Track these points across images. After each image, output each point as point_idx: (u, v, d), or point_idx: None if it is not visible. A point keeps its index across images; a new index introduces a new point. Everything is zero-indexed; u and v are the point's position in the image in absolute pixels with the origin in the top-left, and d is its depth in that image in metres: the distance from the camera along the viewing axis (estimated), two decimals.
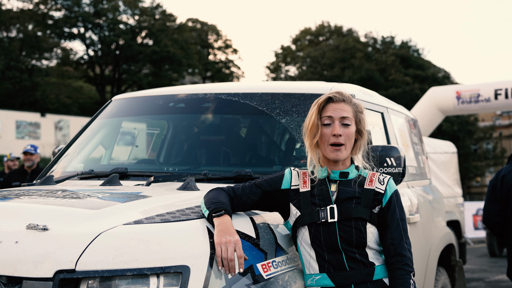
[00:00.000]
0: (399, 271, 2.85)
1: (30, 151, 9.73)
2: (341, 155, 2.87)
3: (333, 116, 2.88)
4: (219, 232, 2.65)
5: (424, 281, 4.79)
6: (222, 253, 2.58)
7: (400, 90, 44.45)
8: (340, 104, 2.90)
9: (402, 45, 51.44)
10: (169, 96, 4.40)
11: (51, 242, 2.50)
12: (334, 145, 2.86)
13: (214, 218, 2.71)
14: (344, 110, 2.89)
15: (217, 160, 4.05)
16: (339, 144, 2.86)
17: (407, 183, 4.77)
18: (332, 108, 2.89)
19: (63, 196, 3.13)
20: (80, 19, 42.48)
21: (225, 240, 2.61)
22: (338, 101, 2.90)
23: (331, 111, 2.89)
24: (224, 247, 2.59)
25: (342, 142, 2.86)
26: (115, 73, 45.28)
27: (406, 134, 5.30)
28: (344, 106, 2.90)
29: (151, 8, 45.17)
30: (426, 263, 4.87)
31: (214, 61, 53.96)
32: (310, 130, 2.91)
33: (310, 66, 51.16)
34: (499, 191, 5.17)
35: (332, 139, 2.86)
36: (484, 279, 11.50)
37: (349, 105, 2.92)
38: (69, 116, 39.05)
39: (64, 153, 4.46)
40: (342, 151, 2.87)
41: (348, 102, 2.92)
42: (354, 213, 2.85)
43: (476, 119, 50.67)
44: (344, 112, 2.89)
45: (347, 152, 2.90)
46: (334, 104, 2.90)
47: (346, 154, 2.89)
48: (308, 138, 2.92)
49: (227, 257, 2.58)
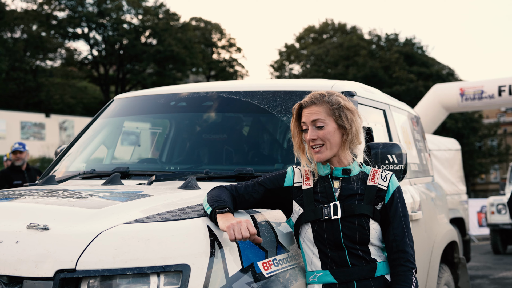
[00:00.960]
0: (401, 267, 2.85)
1: (20, 149, 9.15)
2: (321, 156, 2.88)
3: (306, 122, 2.90)
4: (225, 221, 2.67)
5: (427, 278, 4.79)
6: (235, 233, 2.59)
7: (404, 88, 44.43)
8: (310, 108, 2.90)
9: (406, 42, 51.40)
10: (171, 95, 4.40)
11: (52, 242, 2.50)
12: (313, 147, 2.89)
13: (218, 214, 2.72)
14: (313, 113, 2.89)
15: (218, 158, 4.05)
16: (318, 145, 2.88)
17: (409, 180, 4.76)
18: (305, 113, 2.92)
19: (64, 195, 3.13)
20: (84, 19, 42.55)
21: (235, 222, 2.64)
22: (308, 106, 2.91)
23: (304, 116, 2.92)
24: (237, 227, 2.61)
25: (319, 143, 2.87)
26: (119, 73, 45.33)
27: (409, 131, 5.29)
28: (314, 109, 2.89)
29: (154, 8, 45.21)
30: (429, 260, 4.86)
31: (218, 60, 54.00)
32: (292, 137, 3.00)
33: (314, 64, 51.14)
34: None
35: (310, 143, 2.89)
36: (488, 276, 11.48)
37: (321, 106, 2.89)
38: (73, 116, 39.14)
39: (66, 153, 4.47)
40: (323, 151, 2.87)
41: (320, 103, 2.90)
42: (357, 210, 2.85)
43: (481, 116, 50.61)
44: (314, 115, 2.88)
45: (331, 151, 2.88)
46: (305, 110, 2.92)
47: (329, 153, 2.88)
48: (294, 145, 2.99)
49: (242, 236, 2.60)
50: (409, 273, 2.85)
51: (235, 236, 2.59)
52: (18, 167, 9.20)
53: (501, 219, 14.67)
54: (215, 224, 2.73)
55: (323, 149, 2.87)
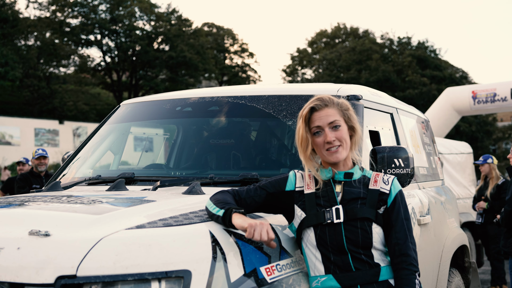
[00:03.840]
0: (404, 271, 2.83)
1: (44, 155, 9.34)
2: (340, 156, 2.87)
3: (321, 125, 2.87)
4: (244, 219, 2.69)
5: (436, 282, 4.75)
6: (255, 233, 2.61)
7: (417, 91, 44.31)
8: (323, 111, 2.89)
9: (419, 46, 51.28)
10: (176, 100, 4.40)
11: (53, 248, 2.49)
12: (329, 149, 2.86)
13: (235, 213, 2.73)
14: (329, 115, 2.88)
15: (223, 163, 4.04)
16: (335, 146, 2.86)
17: (418, 184, 4.72)
18: (318, 117, 2.89)
19: (68, 201, 3.13)
20: (96, 26, 42.82)
21: (257, 222, 2.64)
22: (321, 108, 2.90)
23: (317, 120, 2.88)
24: (259, 228, 2.62)
25: (337, 144, 2.86)
26: (132, 79, 45.53)
27: (417, 134, 5.25)
28: (329, 111, 2.89)
29: (167, 14, 45.41)
30: (439, 265, 4.82)
31: (230, 65, 54.13)
32: (301, 144, 2.93)
33: (327, 68, 51.12)
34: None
35: (327, 145, 2.86)
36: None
37: (333, 108, 2.91)
38: (87, 123, 39.35)
39: (73, 159, 4.47)
40: (341, 151, 2.87)
41: (331, 105, 2.91)
42: (359, 214, 2.84)
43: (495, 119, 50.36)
44: (330, 117, 2.88)
45: (346, 151, 2.89)
46: (318, 113, 2.89)
47: (345, 153, 2.89)
48: (302, 152, 2.94)
49: (260, 238, 2.61)
50: (412, 277, 2.83)
51: (254, 235, 2.61)
52: (37, 173, 9.35)
53: None
54: (225, 225, 2.73)
55: (341, 149, 2.87)
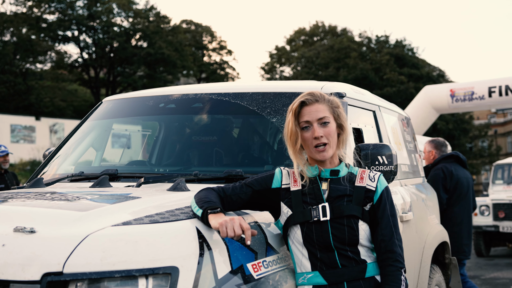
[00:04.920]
0: (390, 267, 2.85)
1: (8, 152, 8.98)
2: (326, 154, 2.87)
3: (310, 120, 2.87)
4: (217, 219, 2.66)
5: (418, 279, 4.78)
6: (227, 230, 2.59)
7: (395, 89, 44.54)
8: (314, 106, 2.89)
9: (397, 44, 51.52)
10: (160, 97, 4.38)
11: (39, 245, 2.47)
12: (317, 146, 2.86)
13: (210, 214, 2.70)
14: (319, 110, 2.88)
15: (207, 160, 4.03)
16: (322, 144, 2.86)
17: (400, 181, 4.75)
18: (307, 111, 2.88)
19: (52, 198, 3.10)
20: (74, 22, 42.42)
21: (227, 219, 2.63)
22: (311, 103, 2.89)
23: (307, 115, 2.88)
24: (230, 224, 2.60)
25: (325, 142, 2.86)
26: (109, 75, 45.23)
27: (399, 132, 5.28)
28: (319, 107, 2.89)
29: (145, 10, 45.12)
30: (420, 261, 4.85)
31: (208, 63, 53.98)
32: (290, 138, 2.91)
33: (305, 66, 51.19)
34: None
35: (315, 141, 2.86)
36: (479, 277, 11.50)
37: (323, 104, 2.90)
38: (64, 119, 39.01)
39: (54, 155, 4.43)
40: (327, 150, 2.87)
41: (322, 101, 2.91)
42: (346, 211, 2.84)
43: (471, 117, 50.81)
44: (320, 113, 2.88)
45: (333, 149, 2.89)
46: (308, 107, 2.89)
47: (331, 151, 2.89)
48: (290, 146, 2.92)
49: (234, 233, 2.59)
50: (398, 273, 2.84)
51: (227, 233, 2.59)
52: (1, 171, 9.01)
53: (484, 221, 14.16)
54: (207, 225, 2.71)
55: (327, 147, 2.87)
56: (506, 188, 15.01)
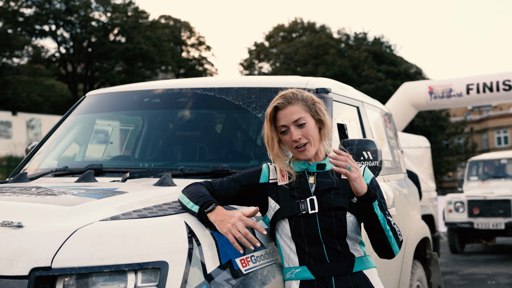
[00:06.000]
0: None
1: None
2: (308, 153, 2.89)
3: (286, 124, 2.88)
4: (220, 223, 2.68)
5: (400, 274, 4.81)
6: (235, 235, 2.62)
7: (373, 86, 44.73)
8: (287, 109, 2.89)
9: (375, 41, 51.76)
10: (144, 92, 4.36)
11: (26, 239, 2.45)
12: (298, 147, 2.88)
13: (208, 214, 2.72)
14: (293, 113, 2.88)
15: (193, 155, 4.02)
16: (302, 144, 2.87)
17: (383, 177, 4.78)
18: (282, 115, 2.89)
19: (38, 193, 3.08)
20: (51, 16, 41.98)
21: (230, 225, 2.65)
22: (284, 107, 2.89)
23: (282, 119, 2.89)
24: (235, 229, 2.63)
25: (304, 142, 2.87)
26: (87, 70, 44.86)
27: (382, 128, 5.31)
28: (292, 109, 2.88)
29: (123, 5, 44.81)
30: (402, 257, 4.89)
31: (187, 58, 53.78)
32: (268, 143, 2.94)
33: (284, 62, 51.24)
34: None
35: (294, 143, 2.88)
36: (457, 272, 11.61)
37: (297, 105, 2.90)
38: (41, 114, 38.65)
39: (37, 150, 4.40)
40: (308, 149, 2.89)
41: (295, 102, 2.90)
42: (333, 203, 2.86)
43: (448, 114, 51.23)
44: (294, 115, 2.88)
45: (314, 147, 2.91)
46: (282, 111, 2.89)
47: (313, 149, 2.91)
48: (269, 150, 2.95)
49: (242, 235, 2.63)
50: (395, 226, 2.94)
51: (236, 240, 2.64)
52: None
53: (459, 218, 14.31)
54: (204, 221, 2.73)
55: (308, 146, 2.88)
56: (480, 185, 15.10)
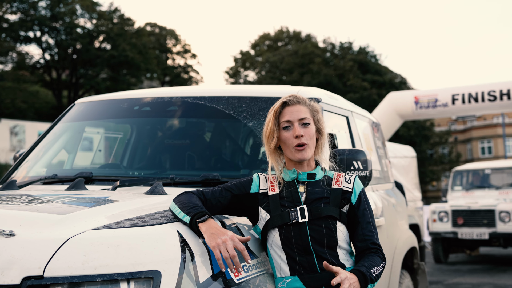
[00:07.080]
0: (372, 254, 2.93)
1: None
2: (306, 154, 2.90)
3: (291, 120, 2.90)
4: (210, 235, 2.65)
5: (388, 284, 4.82)
6: (222, 253, 2.59)
7: (358, 96, 44.91)
8: (296, 107, 2.94)
9: (360, 51, 52.01)
10: (134, 100, 4.34)
11: (18, 248, 2.43)
12: (298, 146, 2.88)
13: (200, 224, 2.70)
14: (301, 111, 2.93)
15: (183, 164, 4.02)
16: (302, 144, 2.88)
17: (371, 187, 4.79)
18: (289, 111, 2.93)
19: (28, 201, 3.05)
20: (36, 22, 41.77)
21: (221, 241, 2.62)
22: (293, 104, 2.94)
23: (288, 115, 2.92)
24: (223, 247, 2.60)
25: (305, 142, 2.89)
26: (72, 77, 44.65)
27: (370, 137, 5.33)
28: (301, 108, 2.94)
29: (109, 12, 44.69)
30: (391, 266, 4.90)
31: (172, 66, 53.71)
32: (267, 136, 2.95)
33: (269, 71, 51.33)
34: None
35: (295, 141, 2.89)
36: (442, 282, 11.65)
37: (305, 106, 2.96)
38: (25, 121, 38.38)
39: (26, 158, 4.36)
40: (307, 150, 2.90)
41: (303, 104, 2.97)
42: (324, 212, 2.87)
43: (432, 124, 51.52)
44: (302, 113, 2.93)
45: (311, 151, 2.93)
46: (290, 108, 2.94)
47: (310, 153, 2.92)
48: (267, 144, 2.96)
49: (229, 255, 2.59)
50: (378, 258, 2.92)
51: (222, 257, 2.59)
52: None
53: (443, 227, 14.27)
54: (195, 231, 2.72)
55: (307, 148, 2.90)
56: (465, 195, 15.12)
